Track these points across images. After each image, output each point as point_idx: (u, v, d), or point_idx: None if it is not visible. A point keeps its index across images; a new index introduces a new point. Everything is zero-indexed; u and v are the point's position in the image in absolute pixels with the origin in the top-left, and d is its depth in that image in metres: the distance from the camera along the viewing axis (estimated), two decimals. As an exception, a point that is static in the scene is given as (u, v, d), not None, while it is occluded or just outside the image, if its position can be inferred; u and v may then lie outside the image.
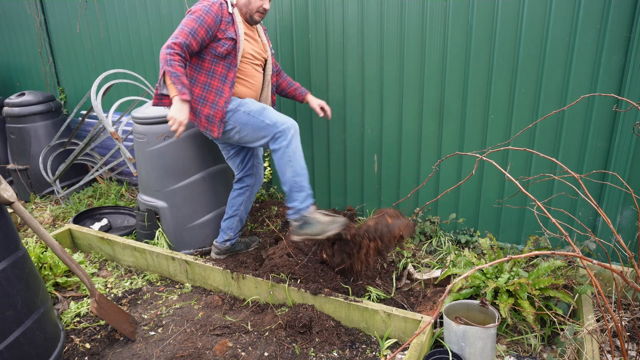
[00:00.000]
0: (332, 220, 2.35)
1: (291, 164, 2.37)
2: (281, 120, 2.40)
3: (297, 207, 2.41)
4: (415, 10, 2.75)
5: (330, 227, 2.34)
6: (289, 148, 2.37)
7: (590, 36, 2.37)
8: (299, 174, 2.39)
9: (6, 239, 1.87)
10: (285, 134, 2.38)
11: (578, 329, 2.02)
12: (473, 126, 2.79)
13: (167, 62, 2.29)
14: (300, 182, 2.40)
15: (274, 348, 2.21)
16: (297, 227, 2.42)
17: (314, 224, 2.37)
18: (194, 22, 2.34)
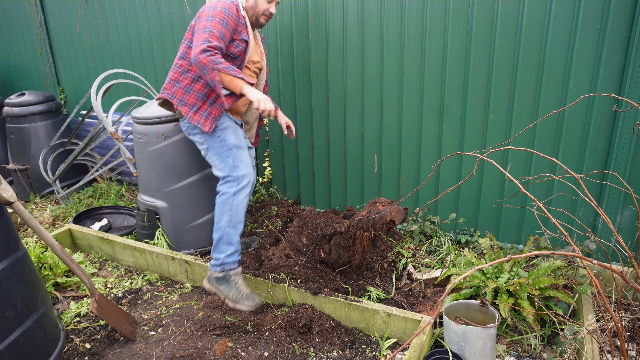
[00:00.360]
0: (250, 295, 2.34)
1: (230, 214, 2.34)
2: (241, 167, 2.39)
3: (222, 260, 2.35)
4: (415, 10, 2.75)
5: (245, 302, 2.32)
6: (234, 197, 2.34)
7: (590, 36, 2.37)
8: (234, 227, 2.36)
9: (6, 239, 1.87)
10: (237, 181, 2.37)
11: (578, 329, 2.02)
12: (473, 126, 2.79)
13: (214, 62, 2.19)
14: (232, 236, 2.36)
15: (274, 348, 2.21)
16: (214, 278, 2.37)
17: (232, 287, 2.34)
18: (220, 25, 2.27)
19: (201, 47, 2.19)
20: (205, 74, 2.24)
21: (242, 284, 2.38)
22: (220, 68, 2.20)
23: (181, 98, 2.46)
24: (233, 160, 2.40)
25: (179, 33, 3.73)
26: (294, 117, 3.41)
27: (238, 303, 2.33)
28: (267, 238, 3.10)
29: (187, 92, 2.46)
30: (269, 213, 3.49)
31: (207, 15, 2.29)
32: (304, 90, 3.29)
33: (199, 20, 2.30)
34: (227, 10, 2.31)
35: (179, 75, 2.47)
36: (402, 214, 2.35)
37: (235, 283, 2.36)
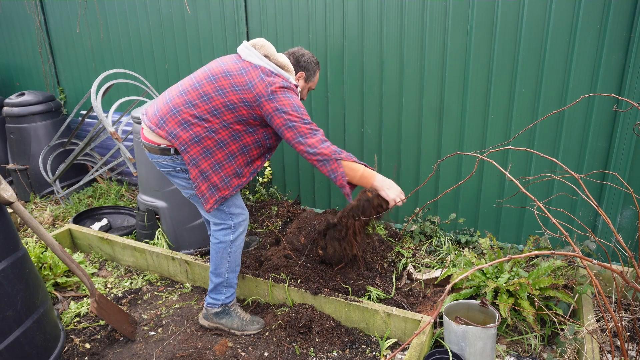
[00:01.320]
0: (252, 319, 2.36)
1: (229, 261, 2.29)
2: (236, 213, 2.27)
3: (222, 301, 2.34)
4: (415, 11, 2.75)
5: (251, 327, 2.33)
6: (233, 244, 2.28)
7: (590, 36, 2.37)
8: (234, 271, 2.33)
9: (6, 239, 1.87)
10: (234, 229, 2.27)
11: (578, 329, 2.02)
12: (473, 126, 2.79)
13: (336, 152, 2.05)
14: (232, 280, 2.33)
15: (274, 348, 2.21)
16: (213, 314, 2.34)
17: (235, 317, 2.34)
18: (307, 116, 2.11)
19: (317, 138, 2.05)
20: (326, 166, 2.06)
21: (241, 312, 2.38)
22: (344, 157, 2.05)
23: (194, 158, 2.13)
24: (228, 208, 2.25)
25: (179, 33, 3.73)
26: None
27: (245, 330, 2.34)
28: (267, 238, 3.10)
29: (205, 156, 2.13)
30: (269, 213, 3.49)
31: (291, 105, 2.05)
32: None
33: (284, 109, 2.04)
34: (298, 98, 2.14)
35: (204, 132, 2.10)
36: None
37: (236, 313, 2.36)
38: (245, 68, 2.11)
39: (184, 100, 2.12)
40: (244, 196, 3.73)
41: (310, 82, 2.38)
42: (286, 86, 2.08)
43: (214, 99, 2.08)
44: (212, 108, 2.09)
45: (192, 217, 3.00)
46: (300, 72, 2.31)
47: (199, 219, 3.02)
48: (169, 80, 3.98)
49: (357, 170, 2.09)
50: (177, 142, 2.10)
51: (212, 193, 2.17)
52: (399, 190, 2.13)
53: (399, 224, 3.25)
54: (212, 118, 2.09)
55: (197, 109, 2.09)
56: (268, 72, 2.09)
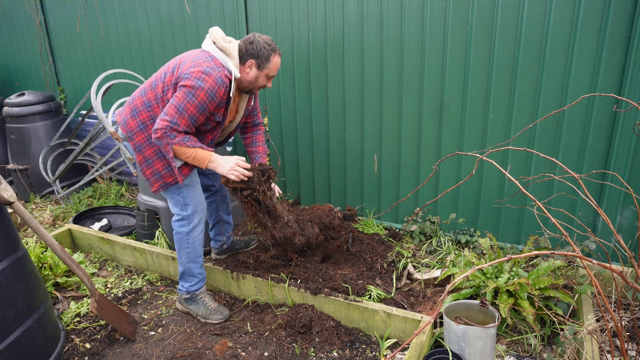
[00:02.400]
0: (217, 309, 2.46)
1: (188, 251, 2.38)
2: (191, 205, 2.33)
3: (187, 288, 2.46)
4: (415, 11, 2.75)
5: (213, 316, 2.43)
6: (188, 236, 2.36)
7: (590, 36, 2.37)
8: (194, 261, 2.41)
9: (6, 239, 1.87)
10: (189, 220, 2.35)
11: (578, 328, 2.02)
12: (473, 126, 2.79)
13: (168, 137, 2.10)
14: (193, 269, 2.42)
15: (274, 348, 2.21)
16: (184, 300, 2.49)
17: (201, 305, 2.46)
18: (195, 109, 2.10)
19: (166, 125, 2.08)
20: (160, 144, 2.13)
21: (209, 301, 2.49)
22: (176, 142, 2.10)
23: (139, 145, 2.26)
24: (183, 198, 2.33)
25: (179, 33, 3.73)
26: (293, 118, 3.41)
27: (208, 318, 2.44)
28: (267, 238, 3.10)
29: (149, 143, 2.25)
30: (269, 213, 3.49)
31: (188, 92, 2.08)
32: (304, 90, 3.29)
33: (180, 89, 2.09)
34: (212, 93, 2.10)
35: (148, 120, 2.24)
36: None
37: (202, 301, 2.47)
38: (190, 52, 2.23)
39: (140, 90, 2.29)
40: (244, 196, 3.73)
41: (265, 69, 2.25)
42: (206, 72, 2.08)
43: (158, 85, 2.21)
44: (157, 94, 2.21)
45: (192, 217, 3.00)
46: (250, 60, 2.21)
47: (199, 219, 3.02)
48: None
49: (188, 153, 2.15)
50: (126, 129, 2.27)
51: (156, 179, 2.30)
52: (233, 161, 2.18)
53: (398, 224, 3.25)
54: (155, 105, 2.22)
55: (146, 96, 2.24)
56: (205, 56, 2.15)
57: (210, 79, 2.08)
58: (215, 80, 2.09)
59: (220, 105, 2.21)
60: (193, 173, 2.38)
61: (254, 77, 2.25)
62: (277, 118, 3.49)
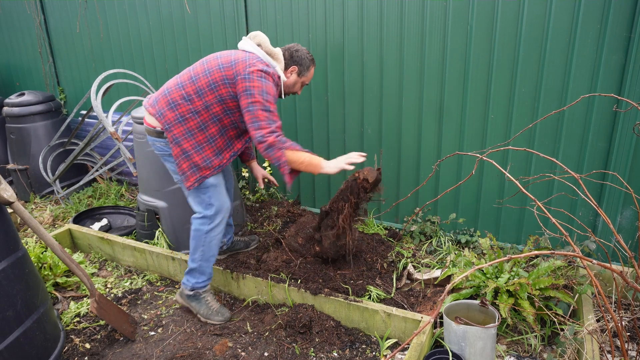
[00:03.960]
0: (219, 310, 2.44)
1: (203, 249, 2.38)
2: (215, 205, 2.34)
3: (193, 284, 2.43)
4: (415, 10, 2.75)
5: (215, 317, 2.41)
6: (207, 235, 2.36)
7: (590, 36, 2.37)
8: (208, 260, 2.41)
9: (6, 239, 1.87)
10: (211, 219, 2.35)
11: (578, 329, 2.02)
12: (473, 126, 2.79)
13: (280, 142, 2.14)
14: (205, 268, 2.42)
15: (274, 348, 2.21)
16: (186, 295, 2.46)
17: (203, 304, 2.44)
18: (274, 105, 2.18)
19: (269, 129, 2.13)
20: (270, 153, 2.15)
21: (211, 300, 2.47)
22: (287, 146, 2.15)
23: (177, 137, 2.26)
24: (209, 198, 2.35)
25: (179, 33, 3.73)
26: (293, 118, 3.41)
27: (209, 319, 2.42)
28: (267, 238, 3.10)
29: (187, 137, 2.26)
30: (269, 213, 3.49)
31: (261, 91, 2.14)
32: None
33: (250, 91, 2.13)
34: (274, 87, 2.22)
35: (187, 113, 2.24)
36: (373, 172, 2.32)
37: (205, 300, 2.45)
38: (235, 52, 2.28)
39: (176, 82, 2.29)
40: (244, 196, 3.73)
41: (303, 77, 2.44)
42: (265, 71, 2.17)
43: (200, 79, 2.23)
44: (198, 88, 2.22)
45: (192, 217, 3.00)
46: (293, 66, 2.38)
47: (199, 219, 3.02)
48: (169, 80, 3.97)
49: (302, 159, 2.18)
50: (163, 121, 2.25)
51: (193, 172, 2.29)
52: (343, 157, 2.22)
53: (398, 224, 3.25)
54: (196, 98, 2.23)
55: (185, 89, 2.25)
56: (255, 57, 2.23)
57: (269, 77, 2.20)
58: (273, 79, 2.23)
59: None
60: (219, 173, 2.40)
61: (292, 82, 2.41)
62: (277, 118, 3.49)
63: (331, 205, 2.43)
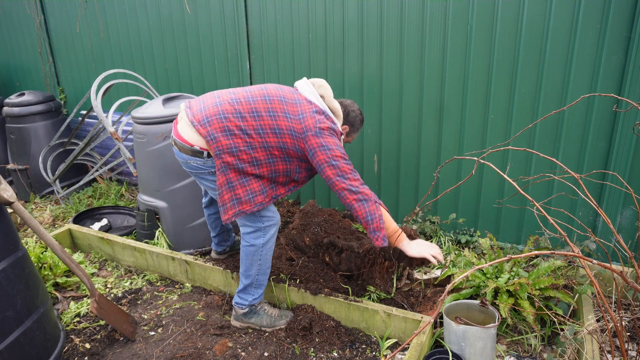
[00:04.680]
0: (280, 313, 2.37)
1: (260, 263, 2.28)
2: (267, 216, 2.24)
3: (250, 302, 2.33)
4: (415, 11, 2.75)
5: (280, 322, 2.34)
6: (264, 247, 2.25)
7: (590, 36, 2.37)
8: (264, 273, 2.31)
9: (6, 239, 1.87)
10: (266, 232, 2.24)
11: (578, 329, 2.02)
12: (473, 126, 2.79)
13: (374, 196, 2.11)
14: (262, 281, 2.32)
15: (274, 348, 2.21)
16: (242, 314, 2.35)
17: (263, 315, 2.34)
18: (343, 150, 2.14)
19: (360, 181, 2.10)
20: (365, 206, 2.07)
21: (269, 309, 2.38)
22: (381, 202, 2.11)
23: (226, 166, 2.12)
24: (260, 213, 2.23)
25: (179, 33, 3.73)
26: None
27: (275, 326, 2.34)
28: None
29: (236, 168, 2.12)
30: (269, 213, 3.49)
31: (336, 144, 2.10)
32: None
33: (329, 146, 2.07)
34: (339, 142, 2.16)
35: (243, 146, 2.09)
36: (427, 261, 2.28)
37: (264, 310, 2.36)
38: (300, 100, 2.16)
39: (234, 109, 2.11)
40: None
41: (350, 137, 2.43)
42: (333, 128, 2.13)
43: (263, 118, 2.09)
44: (259, 126, 2.09)
45: (192, 217, 3.00)
46: (345, 125, 2.35)
47: (199, 218, 3.02)
48: (169, 80, 3.98)
49: (392, 224, 2.15)
50: (215, 146, 2.08)
51: (233, 204, 2.15)
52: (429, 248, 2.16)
53: (398, 224, 3.25)
54: (255, 135, 2.09)
55: (245, 122, 2.09)
56: (320, 110, 2.15)
57: (336, 135, 2.16)
58: (338, 137, 2.18)
59: None
60: None
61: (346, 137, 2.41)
62: (277, 118, 3.49)
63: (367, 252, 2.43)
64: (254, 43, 3.39)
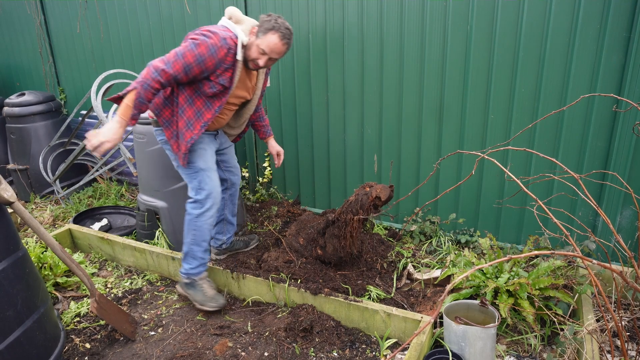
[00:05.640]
0: (214, 297, 2.48)
1: (194, 233, 2.44)
2: (205, 189, 2.40)
3: (187, 270, 2.50)
4: (415, 11, 2.75)
5: (209, 303, 2.46)
6: (198, 219, 2.42)
7: (590, 36, 2.37)
8: (199, 244, 2.46)
9: (6, 239, 1.87)
10: (201, 204, 2.41)
11: (578, 328, 2.02)
12: (473, 126, 2.79)
13: (144, 85, 2.11)
14: (196, 252, 2.47)
15: (274, 348, 2.21)
16: (183, 284, 2.54)
17: (199, 291, 2.49)
18: (192, 58, 2.13)
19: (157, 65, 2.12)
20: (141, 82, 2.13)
21: (207, 288, 2.51)
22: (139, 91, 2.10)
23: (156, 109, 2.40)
24: (199, 182, 2.41)
25: (179, 33, 3.73)
26: (293, 117, 3.41)
27: (204, 305, 2.47)
28: (267, 238, 3.10)
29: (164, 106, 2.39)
30: (269, 213, 3.49)
31: (192, 42, 2.15)
32: (304, 90, 3.29)
33: (185, 41, 2.18)
34: (213, 49, 2.15)
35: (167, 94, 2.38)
36: (386, 190, 2.34)
37: (200, 287, 2.50)
38: None
39: None
40: (244, 196, 3.74)
41: (259, 40, 2.25)
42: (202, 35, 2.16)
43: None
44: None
45: (192, 217, 3.00)
46: (254, 27, 2.31)
47: (199, 219, 3.02)
48: (169, 80, 3.97)
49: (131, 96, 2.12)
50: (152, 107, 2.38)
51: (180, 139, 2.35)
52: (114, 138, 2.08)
53: (398, 224, 3.25)
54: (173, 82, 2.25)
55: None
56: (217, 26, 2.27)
57: (215, 36, 2.17)
58: (219, 38, 2.17)
59: (226, 68, 2.25)
60: (209, 157, 2.46)
61: (250, 44, 2.28)
62: (277, 118, 3.49)
63: (338, 215, 2.43)
64: (254, 43, 3.39)
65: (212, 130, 2.58)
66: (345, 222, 2.41)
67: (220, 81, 2.26)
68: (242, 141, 3.72)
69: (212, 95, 2.32)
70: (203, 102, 2.34)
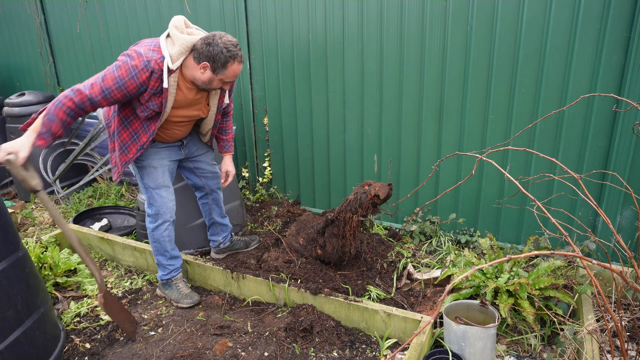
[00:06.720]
0: (188, 294, 2.61)
1: (155, 245, 2.55)
2: (154, 206, 2.47)
3: (161, 277, 2.62)
4: (415, 11, 2.75)
5: (184, 300, 2.58)
6: (153, 232, 2.51)
7: (590, 36, 2.37)
8: (162, 254, 2.56)
9: (6, 239, 1.87)
10: (154, 219, 2.50)
11: (578, 328, 2.02)
12: (473, 126, 2.79)
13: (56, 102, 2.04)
14: (161, 261, 2.59)
15: (274, 348, 2.21)
16: (160, 284, 2.66)
17: (174, 290, 2.61)
18: (112, 82, 2.04)
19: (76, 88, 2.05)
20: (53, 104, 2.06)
21: (182, 286, 2.63)
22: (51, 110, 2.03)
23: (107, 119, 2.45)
24: (148, 199, 2.48)
25: (179, 33, 3.72)
26: (293, 117, 3.41)
27: (179, 302, 2.58)
28: (267, 238, 3.10)
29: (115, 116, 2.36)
30: (269, 213, 3.49)
31: (115, 65, 2.07)
32: (304, 90, 3.29)
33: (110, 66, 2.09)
34: (133, 73, 2.04)
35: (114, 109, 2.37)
36: (385, 189, 2.33)
37: (177, 286, 2.62)
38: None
39: None
40: (244, 196, 3.74)
41: (219, 75, 2.13)
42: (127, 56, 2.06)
43: None
44: None
45: (192, 217, 3.00)
46: (205, 62, 2.09)
47: (199, 219, 3.02)
48: (169, 80, 3.97)
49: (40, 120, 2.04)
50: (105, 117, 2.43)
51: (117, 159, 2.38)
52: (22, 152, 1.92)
53: (398, 224, 3.25)
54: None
55: None
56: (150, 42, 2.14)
57: (138, 58, 2.04)
58: (142, 61, 2.03)
59: (154, 94, 2.12)
60: (160, 175, 2.46)
61: (207, 79, 2.15)
62: (277, 118, 3.49)
63: (337, 214, 2.44)
64: (254, 43, 3.39)
65: (173, 141, 2.49)
66: (344, 220, 2.41)
67: (150, 106, 2.17)
68: (242, 141, 3.72)
69: (149, 118, 2.24)
70: (140, 124, 2.27)
